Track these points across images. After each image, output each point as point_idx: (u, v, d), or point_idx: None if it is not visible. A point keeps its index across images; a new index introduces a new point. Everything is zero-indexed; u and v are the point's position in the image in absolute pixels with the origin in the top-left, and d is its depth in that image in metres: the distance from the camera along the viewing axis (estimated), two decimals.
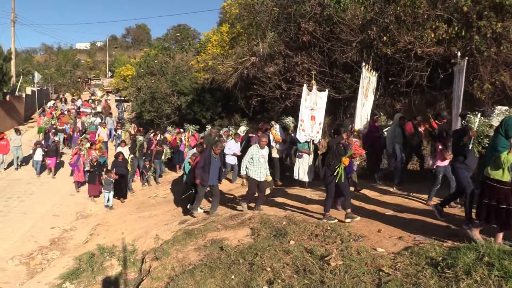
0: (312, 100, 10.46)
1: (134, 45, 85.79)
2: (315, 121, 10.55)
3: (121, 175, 12.76)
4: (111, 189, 12.35)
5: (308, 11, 12.82)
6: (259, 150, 8.78)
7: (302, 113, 10.44)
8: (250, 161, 8.75)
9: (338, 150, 7.07)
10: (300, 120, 10.46)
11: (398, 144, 9.41)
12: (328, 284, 4.59)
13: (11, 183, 14.79)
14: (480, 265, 4.02)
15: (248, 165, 8.79)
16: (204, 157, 9.11)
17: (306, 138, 10.47)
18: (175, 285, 5.84)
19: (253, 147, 8.89)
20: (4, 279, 8.11)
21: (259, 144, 8.84)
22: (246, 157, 8.82)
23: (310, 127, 10.47)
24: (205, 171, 9.00)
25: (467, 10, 9.31)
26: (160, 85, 23.69)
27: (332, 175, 6.99)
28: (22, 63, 53.47)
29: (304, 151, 10.58)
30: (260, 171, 8.75)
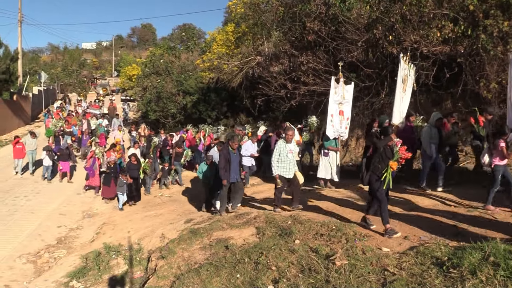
0: (340, 93, 9.82)
1: (140, 44, 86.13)
2: (343, 116, 9.93)
3: (134, 177, 12.34)
4: (124, 191, 11.97)
5: (313, 11, 12.83)
6: (286, 144, 8.12)
7: (331, 108, 9.77)
8: (278, 158, 8.09)
9: (386, 152, 6.34)
10: (329, 115, 9.79)
11: (434, 145, 8.81)
12: (333, 283, 4.59)
13: (18, 182, 14.89)
14: (486, 265, 4.01)
15: (277, 163, 8.15)
16: (224, 155, 8.80)
17: (335, 135, 9.85)
18: (181, 284, 5.87)
19: (279, 143, 8.19)
20: (12, 277, 8.17)
21: (285, 138, 8.19)
22: (274, 155, 8.12)
23: (339, 123, 9.83)
24: (226, 169, 8.73)
25: (473, 9, 9.27)
26: (166, 84, 23.80)
27: (379, 180, 6.29)
28: (28, 63, 53.86)
29: (331, 148, 9.95)
30: (289, 167, 8.13)
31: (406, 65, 9.02)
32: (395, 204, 8.10)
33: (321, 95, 13.59)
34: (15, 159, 15.54)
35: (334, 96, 9.72)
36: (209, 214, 9.52)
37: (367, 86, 12.44)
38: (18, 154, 15.48)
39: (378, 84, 12.27)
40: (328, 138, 9.89)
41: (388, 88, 12.13)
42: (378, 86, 12.29)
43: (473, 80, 9.86)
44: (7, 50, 26.25)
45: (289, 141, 8.18)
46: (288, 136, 8.15)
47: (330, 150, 9.95)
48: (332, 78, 9.78)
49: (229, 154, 8.74)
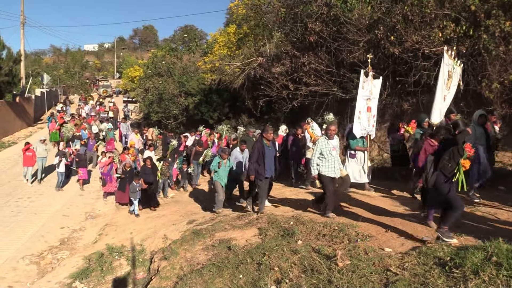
0: (368, 88, 9.09)
1: (142, 46, 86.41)
2: (371, 113, 9.17)
3: (149, 182, 11.72)
4: (138, 197, 11.49)
5: (315, 11, 12.85)
6: (328, 141, 7.39)
7: (359, 104, 8.98)
8: (320, 157, 7.39)
9: (459, 149, 5.61)
10: (357, 112, 8.98)
11: (481, 147, 7.89)
12: (335, 283, 4.60)
13: (21, 183, 14.93)
14: (488, 265, 4.00)
15: (318, 162, 7.43)
16: (257, 148, 8.19)
17: (362, 133, 9.06)
18: (184, 285, 5.89)
19: (320, 140, 7.46)
20: (15, 278, 8.21)
21: (327, 135, 7.46)
22: (315, 154, 7.42)
23: (366, 120, 9.06)
24: (259, 163, 8.12)
25: (475, 9, 9.27)
26: (168, 86, 23.85)
27: (449, 181, 5.60)
28: (31, 65, 54.10)
29: (359, 148, 9.13)
30: (334, 166, 7.38)
31: (450, 60, 8.22)
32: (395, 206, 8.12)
33: (323, 96, 13.61)
34: (24, 167, 14.79)
35: (362, 91, 8.98)
36: (211, 215, 9.52)
37: None
38: (28, 162, 14.70)
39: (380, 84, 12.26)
40: (355, 137, 9.08)
41: (390, 89, 12.13)
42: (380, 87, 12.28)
43: (475, 80, 9.85)
44: (10, 52, 26.35)
45: (332, 137, 7.44)
46: (331, 131, 7.40)
47: (358, 150, 9.17)
48: (362, 71, 9.00)
49: (263, 147, 8.16)
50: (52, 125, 21.18)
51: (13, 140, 23.38)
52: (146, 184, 11.54)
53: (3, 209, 12.07)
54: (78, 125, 19.93)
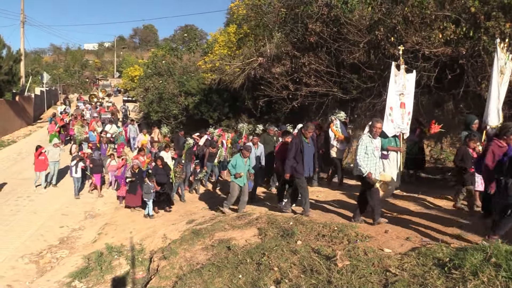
0: (401, 82, 8.37)
1: (142, 45, 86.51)
2: (405, 109, 8.42)
3: (161, 183, 11.36)
4: (151, 197, 11.10)
5: (315, 12, 12.86)
6: (372, 140, 6.84)
7: (390, 99, 8.25)
8: (365, 156, 6.77)
9: None
10: (388, 108, 8.24)
11: None
12: (335, 284, 4.61)
13: (21, 182, 14.93)
14: (487, 266, 4.01)
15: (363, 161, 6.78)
16: (295, 144, 7.67)
17: (395, 131, 8.25)
18: (183, 284, 5.89)
19: (365, 138, 6.83)
20: (14, 277, 8.22)
21: (371, 133, 6.85)
22: (360, 152, 6.76)
23: (400, 117, 8.28)
24: (298, 161, 7.61)
25: (475, 11, 9.28)
26: (168, 85, 23.82)
27: None
28: (31, 64, 54.12)
29: (391, 148, 8.25)
30: (375, 167, 6.87)
31: (503, 54, 7.66)
32: (393, 208, 8.12)
33: (323, 96, 13.61)
34: (36, 172, 14.07)
35: (394, 86, 8.27)
36: (211, 214, 9.52)
37: (369, 87, 12.44)
38: (41, 166, 13.96)
39: (380, 85, 12.26)
40: (386, 136, 8.17)
41: None
42: (380, 88, 12.28)
43: (475, 82, 9.86)
44: (10, 51, 26.33)
45: (376, 136, 6.88)
46: (377, 129, 6.81)
47: (390, 150, 8.28)
48: (393, 64, 8.29)
49: (302, 144, 7.63)
50: (51, 127, 20.44)
51: (13, 139, 23.38)
52: (158, 186, 11.23)
53: (2, 208, 12.07)
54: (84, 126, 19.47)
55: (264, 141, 11.41)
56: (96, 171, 13.79)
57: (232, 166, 9.10)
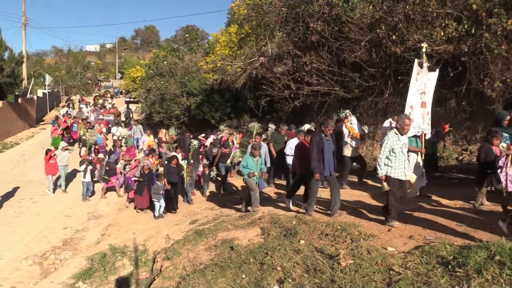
0: (423, 81, 8.09)
1: (143, 46, 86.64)
2: (425, 109, 8.13)
3: (172, 183, 11.20)
4: (161, 198, 10.90)
5: (317, 11, 12.85)
6: (400, 137, 6.43)
7: (411, 98, 7.99)
8: (390, 155, 6.38)
9: None
10: (407, 107, 7.98)
11: None
12: (338, 283, 4.60)
13: (24, 184, 14.95)
14: (492, 264, 3.99)
15: (387, 161, 6.42)
16: (316, 142, 7.25)
17: (415, 132, 7.87)
18: (187, 285, 5.89)
19: (390, 135, 6.43)
20: (18, 279, 8.24)
21: (398, 130, 6.44)
22: (384, 150, 6.38)
23: (420, 117, 7.98)
24: (319, 160, 7.24)
25: (477, 8, 9.25)
26: (169, 86, 23.85)
27: None
28: (33, 66, 54.30)
29: (412, 149, 7.74)
30: (404, 167, 6.44)
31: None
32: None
33: (325, 95, 13.61)
34: (48, 176, 13.70)
35: (416, 84, 8.05)
36: (214, 214, 9.52)
37: (371, 85, 12.44)
38: (51, 170, 13.64)
39: (382, 83, 12.26)
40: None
41: (392, 88, 12.12)
42: (382, 86, 12.28)
43: (477, 79, 9.83)
44: (12, 53, 26.38)
45: (404, 133, 6.47)
46: (405, 126, 6.40)
47: (411, 151, 7.80)
48: (415, 61, 8.12)
49: (322, 141, 7.28)
50: (54, 129, 20.03)
51: (15, 141, 23.43)
52: (169, 185, 11.03)
53: (5, 210, 12.09)
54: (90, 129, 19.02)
55: (275, 141, 11.30)
56: (112, 174, 13.62)
57: (243, 167, 8.98)
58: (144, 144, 16.73)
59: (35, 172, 16.61)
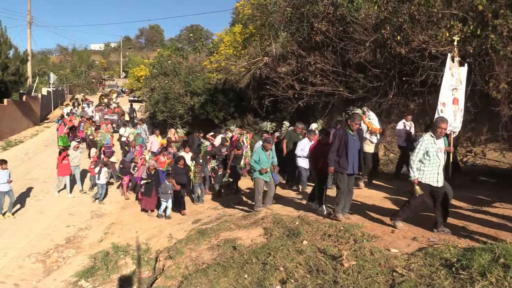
0: (456, 76, 7.79)
1: (148, 45, 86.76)
2: (458, 106, 7.79)
3: (181, 184, 11.11)
4: (169, 198, 10.80)
5: (321, 11, 12.80)
6: (435, 140, 6.05)
7: (444, 95, 7.64)
8: (424, 158, 6.06)
9: None
10: (439, 104, 7.64)
11: None
12: (341, 284, 4.58)
13: (27, 182, 15.01)
14: (496, 267, 3.97)
15: (420, 165, 6.10)
16: (339, 136, 6.94)
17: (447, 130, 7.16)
18: (189, 284, 5.89)
19: (425, 138, 6.10)
20: (21, 276, 8.27)
21: (435, 133, 6.06)
22: (417, 153, 6.06)
23: (452, 114, 7.58)
24: (340, 155, 6.89)
25: (483, 9, 9.18)
26: (173, 85, 23.84)
27: None
28: (38, 64, 54.51)
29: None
30: (438, 172, 6.06)
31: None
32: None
33: (329, 96, 13.57)
34: (59, 176, 13.50)
35: (448, 80, 7.70)
36: (216, 214, 9.51)
37: (375, 86, 12.39)
38: (64, 171, 13.36)
39: (386, 84, 12.21)
40: None
41: (396, 89, 12.08)
42: (386, 87, 12.23)
43: (483, 81, 9.77)
44: (17, 52, 26.47)
45: (440, 136, 6.10)
46: (442, 129, 6.02)
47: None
48: (448, 55, 7.80)
49: (347, 136, 6.90)
50: (61, 129, 19.67)
51: (20, 139, 23.52)
52: (178, 185, 10.93)
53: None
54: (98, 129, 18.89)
55: (289, 138, 11.13)
56: (125, 173, 13.34)
57: (255, 161, 8.69)
58: (152, 144, 16.49)
59: (39, 170, 16.70)
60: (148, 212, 11.47)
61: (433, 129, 6.14)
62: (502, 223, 6.34)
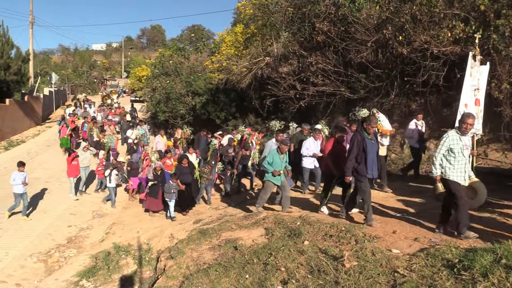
0: (476, 76, 7.56)
1: (149, 46, 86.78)
2: (479, 107, 7.56)
3: (186, 183, 10.97)
4: (173, 198, 10.65)
5: (323, 11, 12.80)
6: (461, 137, 5.83)
7: (466, 95, 7.37)
8: (448, 155, 5.85)
9: None
10: (461, 105, 7.36)
11: None
12: (342, 284, 4.57)
13: (29, 182, 14.95)
14: (498, 268, 3.95)
15: (444, 162, 5.91)
16: (357, 142, 6.68)
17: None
18: (190, 284, 5.88)
19: (451, 134, 5.87)
20: (23, 276, 8.28)
21: (460, 129, 5.85)
22: (440, 149, 5.91)
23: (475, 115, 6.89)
24: (359, 161, 6.70)
25: (485, 9, 9.18)
26: (175, 85, 23.87)
27: None
28: (39, 64, 54.61)
29: None
30: (464, 170, 5.89)
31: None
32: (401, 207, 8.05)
33: (330, 96, 13.56)
34: (70, 178, 13.36)
35: (470, 80, 7.46)
36: (218, 214, 9.50)
37: (377, 86, 12.38)
38: (73, 172, 13.25)
39: (388, 84, 12.20)
40: None
41: (398, 89, 12.06)
42: (388, 87, 12.22)
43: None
44: (19, 52, 26.50)
45: (466, 133, 5.84)
46: (467, 125, 5.75)
47: None
48: (470, 54, 7.55)
49: (365, 141, 6.67)
50: (63, 130, 19.47)
51: (22, 139, 23.54)
52: (183, 185, 10.79)
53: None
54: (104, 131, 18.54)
55: (296, 141, 10.94)
56: (134, 175, 13.03)
57: (268, 163, 8.42)
58: (157, 144, 16.36)
59: (41, 170, 16.71)
60: (150, 212, 11.37)
61: (458, 125, 5.91)
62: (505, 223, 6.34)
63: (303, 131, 11.19)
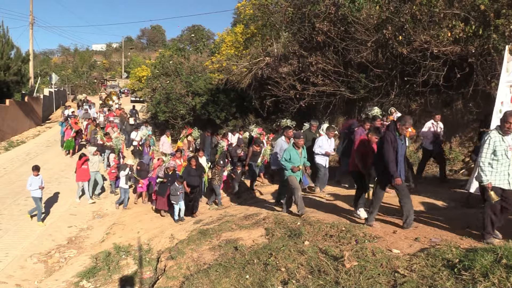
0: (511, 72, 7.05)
1: (149, 46, 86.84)
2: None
3: (193, 186, 10.70)
4: (179, 200, 10.41)
5: (323, 11, 12.80)
6: (504, 137, 5.41)
7: (502, 92, 6.92)
8: (493, 158, 5.40)
9: None
10: (498, 103, 6.95)
11: None
12: (342, 285, 4.57)
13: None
14: (498, 268, 3.96)
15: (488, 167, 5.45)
16: (391, 142, 6.26)
17: None
18: (190, 284, 5.88)
19: (493, 135, 5.43)
20: (23, 277, 8.27)
21: (502, 129, 5.41)
22: (485, 153, 5.42)
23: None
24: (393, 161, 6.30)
25: (485, 8, 9.18)
26: (175, 85, 23.86)
27: None
28: (40, 65, 54.65)
29: None
30: (508, 173, 5.44)
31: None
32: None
33: (330, 96, 13.57)
34: (78, 182, 13.09)
35: (506, 76, 6.97)
36: (218, 214, 9.50)
37: (377, 86, 12.38)
38: (83, 176, 12.92)
39: (388, 84, 12.20)
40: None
41: (398, 89, 12.06)
42: (388, 87, 12.22)
43: (485, 81, 9.76)
44: (19, 52, 26.51)
45: (508, 132, 5.38)
46: (510, 124, 5.30)
47: None
48: (506, 48, 7.09)
49: (397, 141, 6.28)
50: (67, 133, 19.21)
51: (22, 139, 23.55)
52: (189, 187, 10.55)
53: (11, 208, 12.16)
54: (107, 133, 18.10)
55: (305, 138, 10.23)
56: (143, 176, 12.75)
57: (285, 160, 7.93)
58: (163, 145, 16.22)
59: (41, 170, 16.52)
60: (161, 212, 11.20)
61: (500, 124, 5.46)
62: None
63: (312, 129, 10.99)
